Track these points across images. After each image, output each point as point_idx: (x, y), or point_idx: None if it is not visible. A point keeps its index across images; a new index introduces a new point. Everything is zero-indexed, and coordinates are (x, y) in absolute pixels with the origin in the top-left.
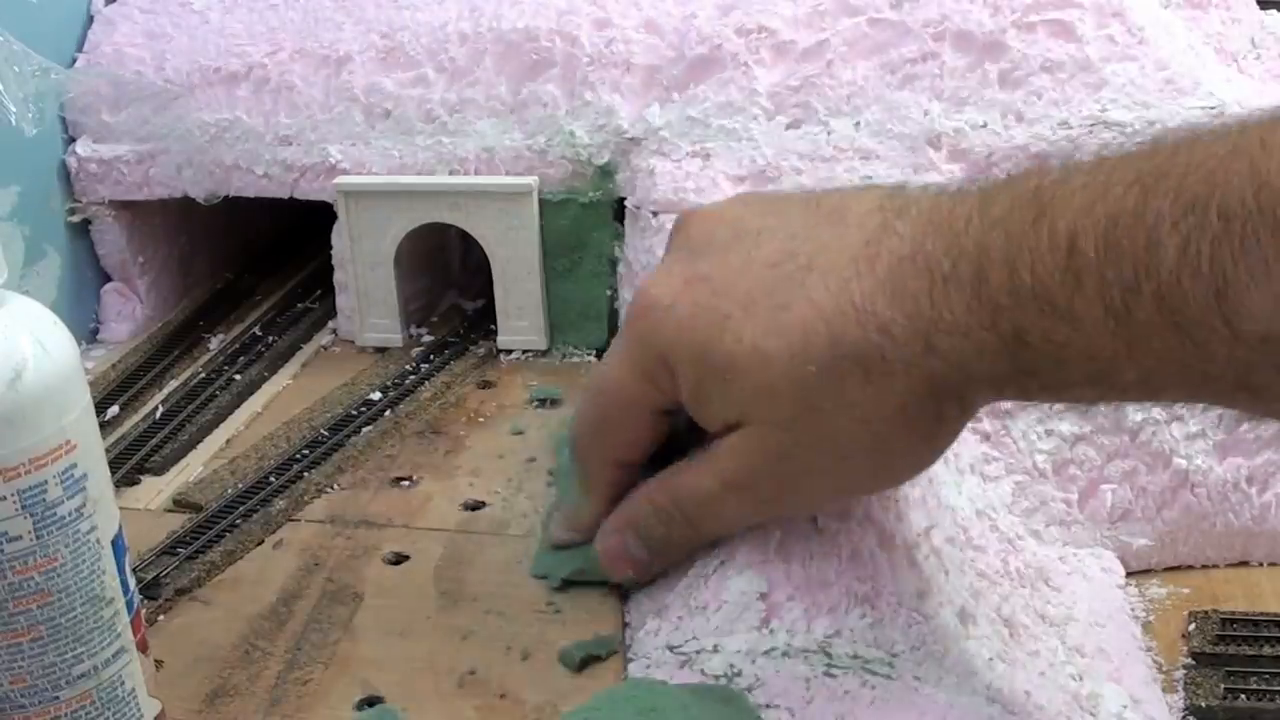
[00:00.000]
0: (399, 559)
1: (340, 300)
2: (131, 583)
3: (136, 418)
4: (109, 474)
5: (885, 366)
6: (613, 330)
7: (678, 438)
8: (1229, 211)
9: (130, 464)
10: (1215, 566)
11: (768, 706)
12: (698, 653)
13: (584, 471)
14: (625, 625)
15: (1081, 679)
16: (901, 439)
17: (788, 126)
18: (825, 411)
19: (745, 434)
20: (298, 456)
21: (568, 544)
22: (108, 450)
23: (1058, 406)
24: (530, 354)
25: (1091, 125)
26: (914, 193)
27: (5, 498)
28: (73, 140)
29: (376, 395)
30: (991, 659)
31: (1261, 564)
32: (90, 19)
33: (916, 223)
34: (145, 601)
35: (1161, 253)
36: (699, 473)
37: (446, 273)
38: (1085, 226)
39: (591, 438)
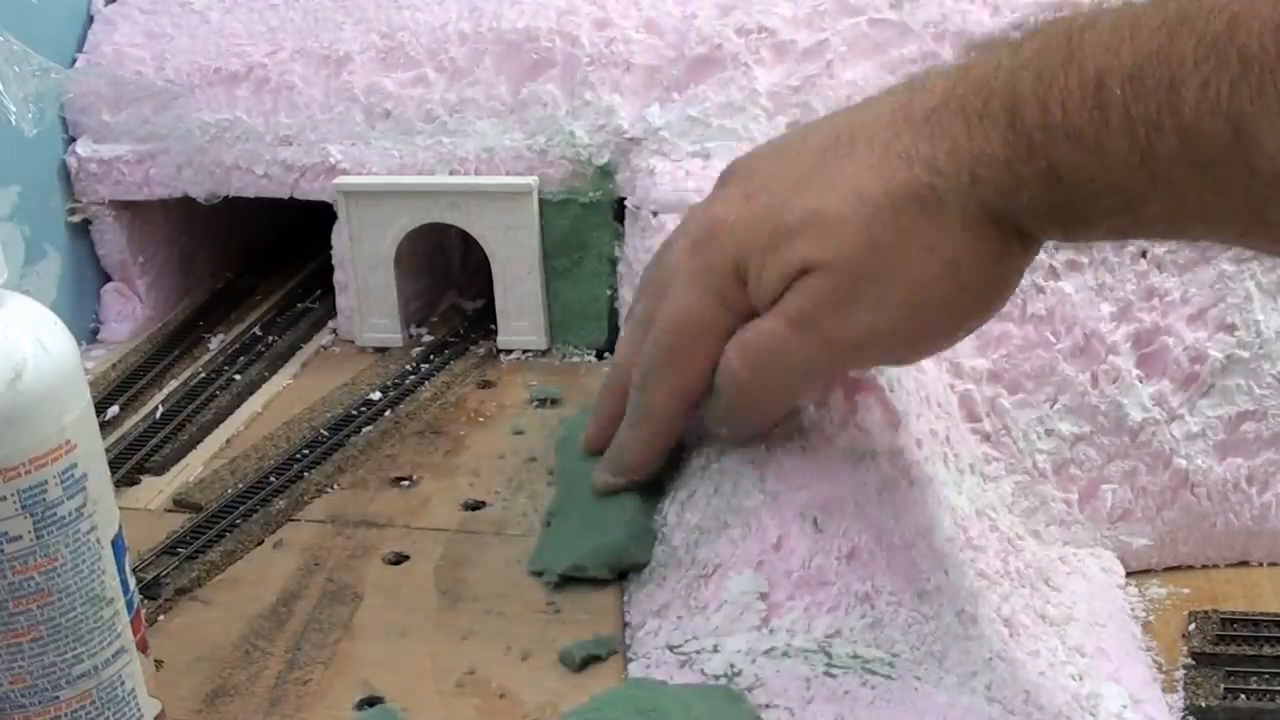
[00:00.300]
0: (399, 559)
1: (340, 300)
2: (131, 583)
3: (136, 418)
4: (109, 474)
5: (938, 200)
6: (613, 330)
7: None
8: (1248, 54)
9: (130, 464)
10: (1215, 566)
11: (768, 706)
12: (698, 653)
13: (644, 406)
14: (625, 625)
15: (1081, 679)
16: (971, 261)
17: (788, 126)
18: (889, 245)
19: (810, 276)
20: (298, 456)
21: (613, 489)
22: (108, 450)
23: (1057, 406)
24: (530, 354)
25: None
26: (939, 66)
27: (5, 498)
28: (73, 140)
29: (376, 395)
30: (991, 659)
31: (1261, 564)
32: (90, 19)
33: (945, 77)
34: (145, 601)
35: (1183, 92)
36: (762, 320)
37: (446, 273)
38: (1112, 67)
39: (660, 369)
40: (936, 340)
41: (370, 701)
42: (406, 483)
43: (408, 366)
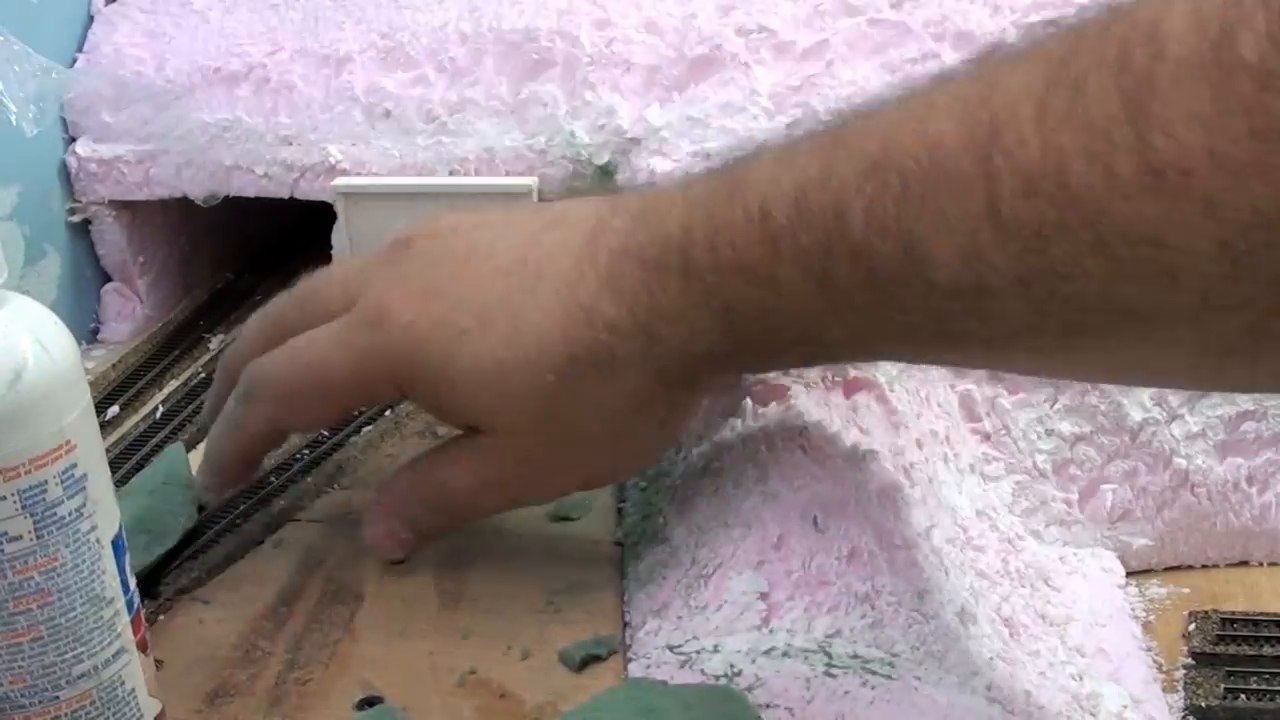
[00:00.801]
0: (399, 559)
1: None
2: (131, 583)
3: (136, 418)
4: (109, 474)
5: (616, 364)
6: None
7: None
8: (906, 171)
9: (130, 464)
10: (1215, 566)
11: (768, 706)
12: (698, 653)
13: (242, 420)
14: (625, 625)
15: (1082, 679)
16: (638, 428)
17: (788, 126)
18: (565, 414)
19: (492, 440)
20: (298, 456)
21: (215, 494)
22: (108, 450)
23: (1057, 406)
24: None
25: None
26: (630, 192)
27: (5, 498)
28: (73, 140)
29: None
30: (991, 659)
31: (1261, 564)
32: (90, 19)
33: (628, 216)
34: (145, 601)
35: (850, 216)
36: (461, 470)
37: None
38: (775, 197)
39: (272, 399)
40: (619, 479)
41: (370, 701)
42: None
43: None
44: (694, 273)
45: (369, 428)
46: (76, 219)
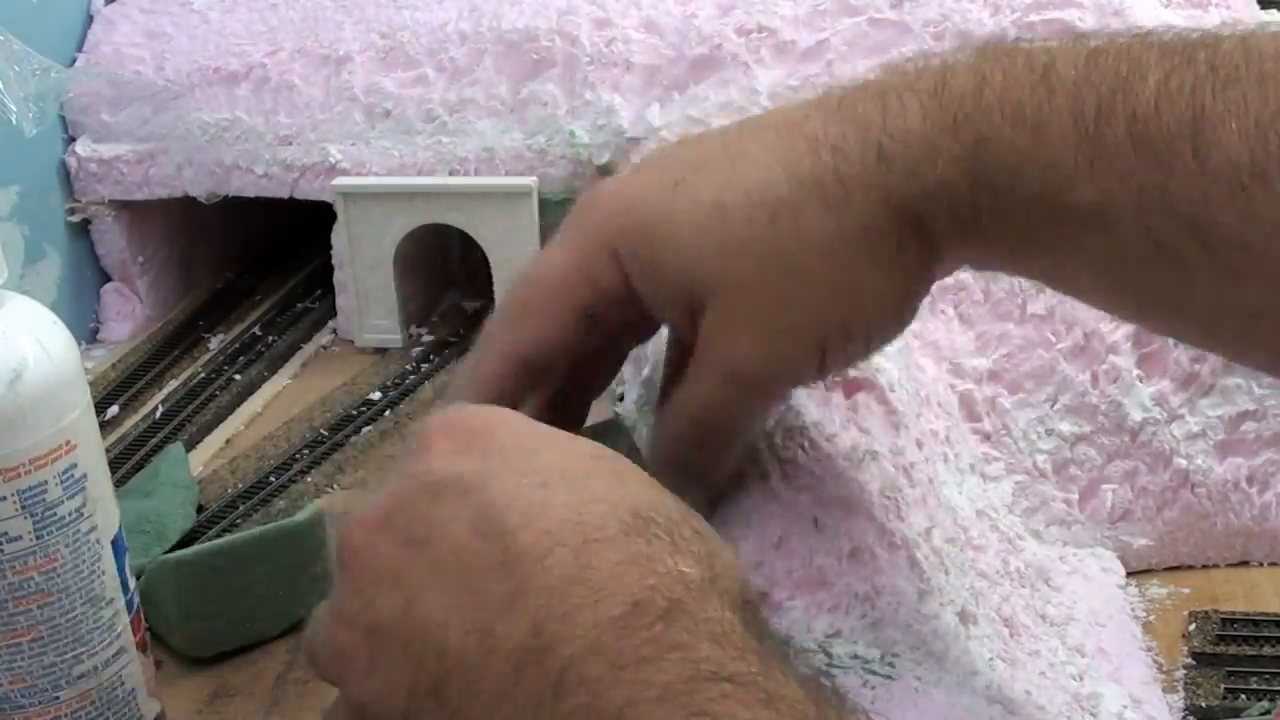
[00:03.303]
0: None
1: (340, 300)
2: (131, 583)
3: (136, 418)
4: (109, 474)
5: (841, 190)
6: None
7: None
8: (1216, 59)
9: (130, 464)
10: (1215, 566)
11: None
12: None
13: (478, 357)
14: None
15: (1082, 679)
16: (867, 271)
17: None
18: (788, 253)
19: (719, 310)
20: (298, 456)
21: None
22: (108, 450)
23: (1057, 406)
24: None
25: None
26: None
27: (5, 498)
28: (73, 140)
29: (376, 395)
30: (991, 659)
31: (1261, 564)
32: (90, 19)
33: (865, 85)
34: None
35: (1142, 82)
36: (700, 380)
37: (446, 273)
38: (1064, 55)
39: (500, 325)
40: (852, 351)
41: None
42: None
43: (408, 366)
44: (948, 99)
45: (369, 428)
46: (76, 219)
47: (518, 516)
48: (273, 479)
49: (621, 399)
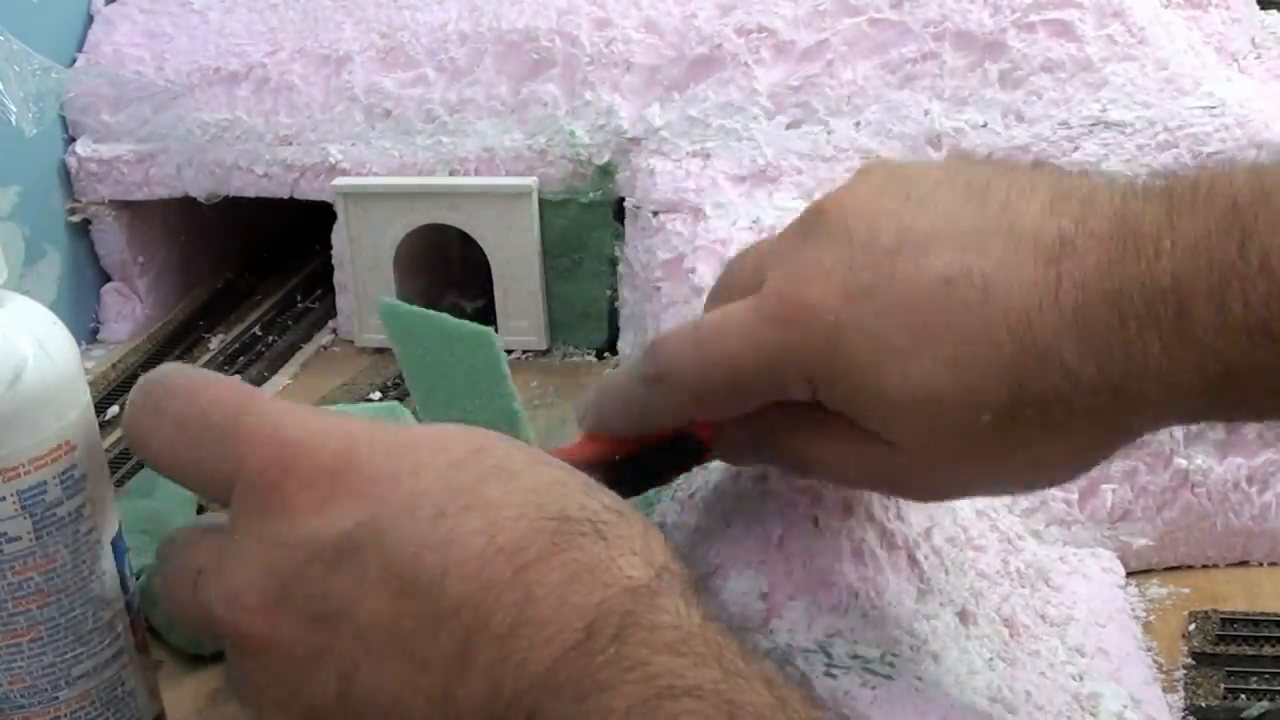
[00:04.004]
0: None
1: (340, 300)
2: (131, 583)
3: None
4: (109, 474)
5: (1067, 415)
6: (613, 330)
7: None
8: None
9: (130, 464)
10: (1215, 566)
11: None
12: None
13: (652, 404)
14: None
15: (1082, 679)
16: (1062, 474)
17: (788, 126)
18: (992, 456)
19: (899, 454)
20: None
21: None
22: (108, 450)
23: None
24: (530, 354)
25: (1091, 125)
26: (1088, 192)
27: (5, 498)
28: (73, 140)
29: (376, 395)
30: (991, 659)
31: (1261, 564)
32: (90, 19)
33: (1100, 242)
34: None
35: None
36: (842, 451)
37: (446, 273)
38: (1267, 220)
39: (689, 396)
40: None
41: None
42: None
43: None
44: (1190, 333)
45: None
46: (76, 219)
47: (433, 563)
48: None
49: None
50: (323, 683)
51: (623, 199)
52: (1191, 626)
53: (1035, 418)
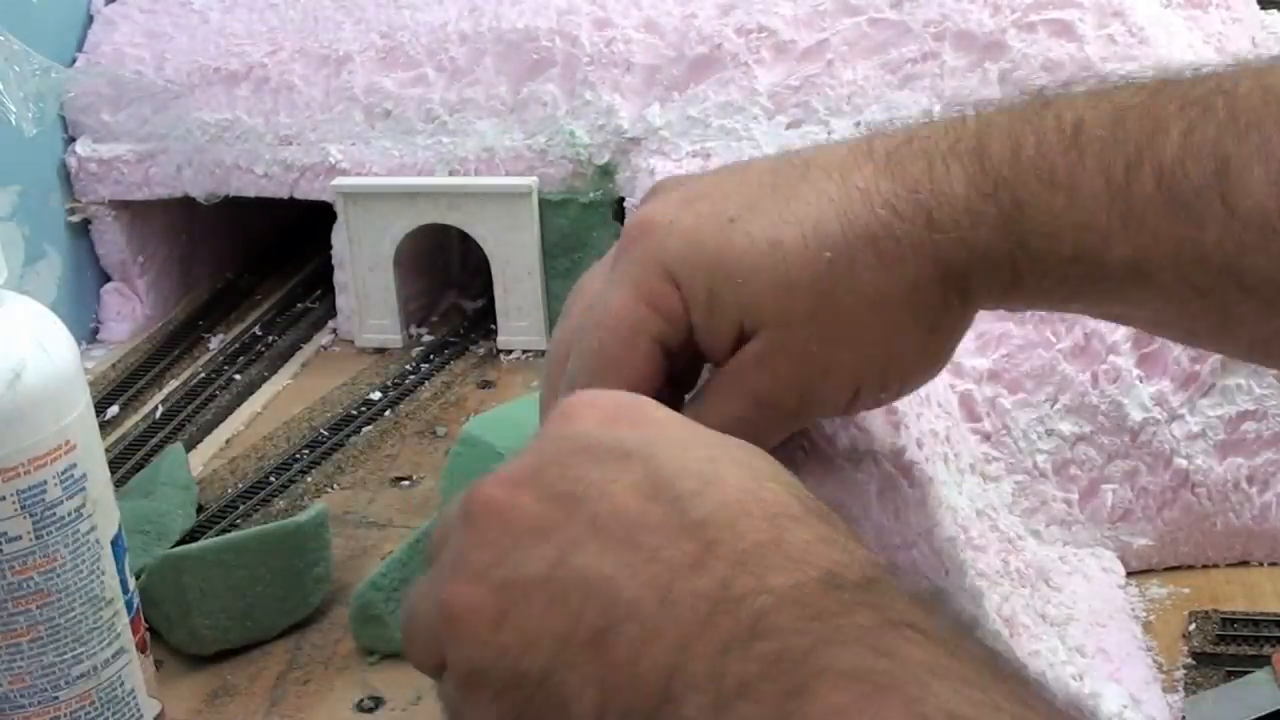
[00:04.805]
0: None
1: (340, 300)
2: (131, 583)
3: (136, 418)
4: (109, 474)
5: (895, 247)
6: None
7: None
8: (1235, 103)
9: (130, 464)
10: (1215, 566)
11: None
12: None
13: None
14: None
15: (1082, 679)
16: (910, 327)
17: (788, 126)
18: (841, 301)
19: (765, 340)
20: (298, 456)
21: None
22: (108, 450)
23: (1057, 406)
24: (530, 354)
25: None
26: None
27: (5, 498)
28: (73, 140)
29: (376, 395)
30: None
31: (1261, 564)
32: (90, 19)
33: (907, 125)
34: None
35: (1166, 137)
36: (728, 397)
37: (446, 273)
38: (1092, 116)
39: (590, 377)
40: (882, 395)
41: (371, 701)
42: (406, 483)
43: (408, 366)
44: (988, 165)
45: (369, 428)
46: (76, 219)
47: (692, 484)
48: (273, 479)
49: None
50: (537, 556)
51: (623, 199)
52: (1191, 626)
53: (868, 251)
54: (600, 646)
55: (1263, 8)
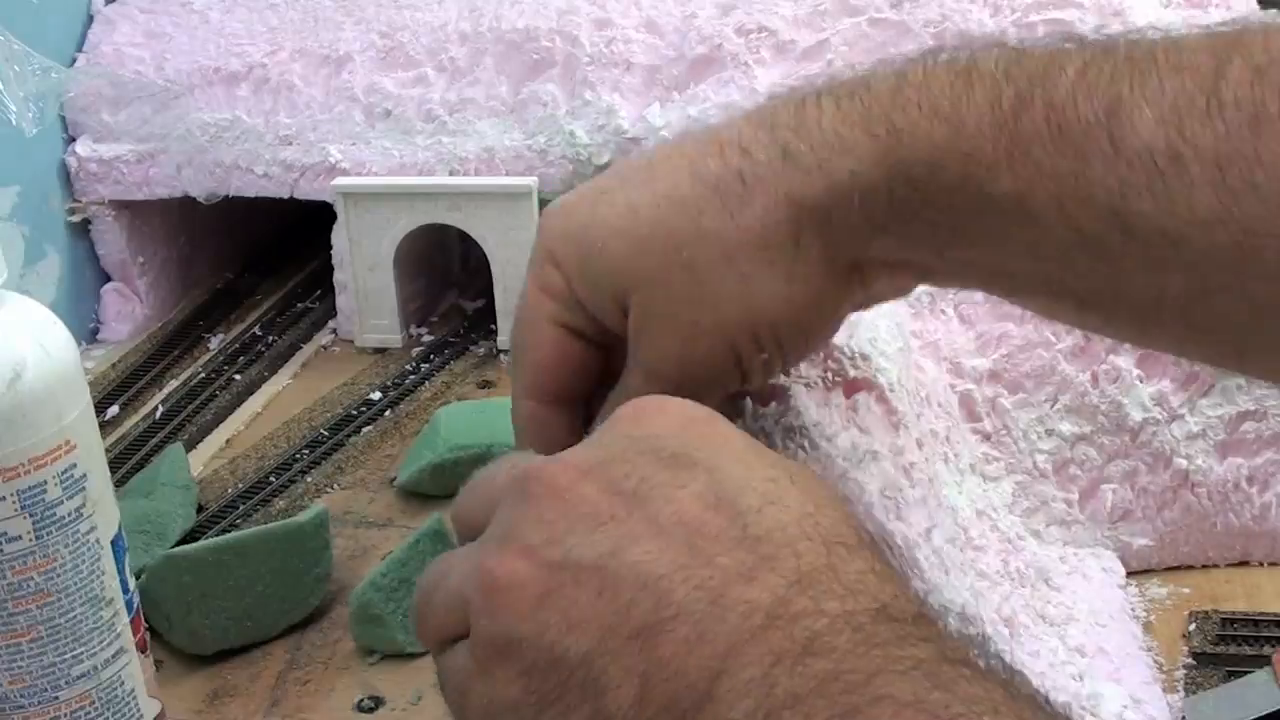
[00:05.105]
0: None
1: (340, 300)
2: (131, 583)
3: (136, 418)
4: (109, 474)
5: (740, 188)
6: None
7: None
8: (1135, 53)
9: (130, 464)
10: (1215, 566)
11: None
12: None
13: (513, 415)
14: None
15: (1082, 679)
16: (763, 272)
17: None
18: (694, 256)
19: (635, 307)
20: (298, 456)
21: None
22: (108, 450)
23: (1057, 406)
24: None
25: None
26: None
27: (5, 498)
28: (73, 140)
29: (376, 395)
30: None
31: (1261, 564)
32: (90, 19)
33: (786, 98)
34: None
35: (1060, 73)
36: (628, 373)
37: (446, 273)
38: (986, 56)
39: (513, 369)
40: (757, 346)
41: (371, 701)
42: None
43: (408, 366)
44: (866, 99)
45: (369, 428)
46: (76, 219)
47: (754, 500)
48: (273, 479)
49: None
50: (592, 544)
51: None
52: (1191, 626)
53: (714, 200)
54: (647, 641)
55: (1263, 7)
